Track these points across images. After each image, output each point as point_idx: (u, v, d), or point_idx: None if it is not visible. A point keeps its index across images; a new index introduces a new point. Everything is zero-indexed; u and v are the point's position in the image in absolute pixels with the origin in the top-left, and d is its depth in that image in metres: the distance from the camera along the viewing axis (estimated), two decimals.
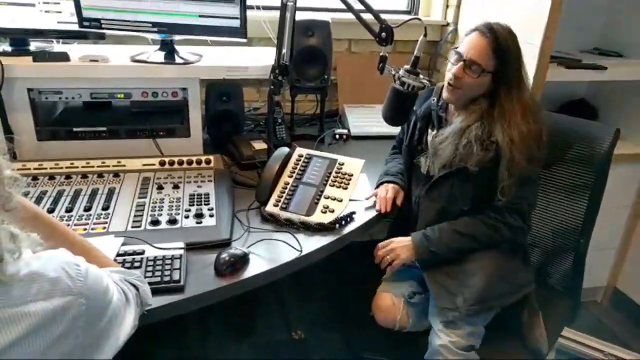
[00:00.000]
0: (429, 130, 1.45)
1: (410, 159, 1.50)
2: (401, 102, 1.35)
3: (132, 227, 1.25)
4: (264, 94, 2.22)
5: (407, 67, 1.31)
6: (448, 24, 2.33)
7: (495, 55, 1.26)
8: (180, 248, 1.15)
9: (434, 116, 1.43)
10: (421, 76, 1.32)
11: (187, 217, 1.30)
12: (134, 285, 0.91)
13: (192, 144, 1.71)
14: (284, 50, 1.49)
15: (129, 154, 1.58)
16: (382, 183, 1.52)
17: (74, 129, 1.60)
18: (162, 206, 1.34)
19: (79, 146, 1.60)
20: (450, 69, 1.31)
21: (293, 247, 1.24)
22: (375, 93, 2.12)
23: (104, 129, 1.63)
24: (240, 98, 1.87)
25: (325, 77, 1.92)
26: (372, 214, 1.47)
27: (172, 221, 1.27)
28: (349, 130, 2.07)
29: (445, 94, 1.35)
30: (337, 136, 2.04)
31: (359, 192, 1.51)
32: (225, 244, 1.23)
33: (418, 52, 1.30)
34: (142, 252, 1.12)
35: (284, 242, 1.25)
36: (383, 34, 1.29)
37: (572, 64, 1.89)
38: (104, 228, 1.23)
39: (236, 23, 1.59)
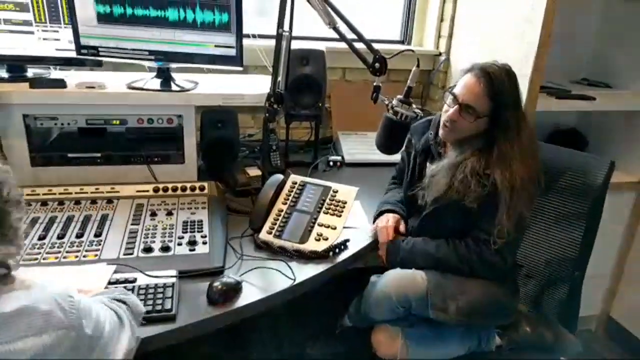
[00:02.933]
0: (428, 164, 1.46)
1: (410, 189, 1.50)
2: (394, 131, 1.36)
3: (125, 254, 1.24)
4: (258, 120, 2.24)
5: (400, 97, 1.33)
6: (440, 54, 2.38)
7: (490, 98, 1.26)
8: (173, 276, 1.14)
9: (433, 150, 1.44)
10: (414, 106, 1.34)
11: (180, 244, 1.29)
12: (121, 301, 0.90)
13: (187, 170, 1.71)
14: (280, 79, 1.52)
15: (123, 180, 1.58)
16: (381, 213, 1.52)
17: (68, 155, 1.61)
18: (155, 233, 1.33)
19: (73, 172, 1.60)
20: (447, 111, 1.33)
21: (286, 276, 1.23)
22: (368, 121, 2.14)
23: (99, 155, 1.63)
24: (235, 125, 1.88)
25: (320, 104, 1.94)
26: (366, 241, 1.47)
27: (165, 248, 1.26)
28: (342, 157, 2.09)
29: (441, 132, 1.37)
30: (331, 163, 2.05)
31: (353, 220, 1.52)
32: (219, 272, 1.22)
33: (411, 83, 1.32)
34: (134, 280, 1.11)
35: (278, 270, 1.24)
36: (377, 64, 1.31)
37: (562, 94, 1.93)
38: (96, 255, 1.22)
39: (232, 52, 1.61)
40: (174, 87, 1.65)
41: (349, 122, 2.30)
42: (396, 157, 1.68)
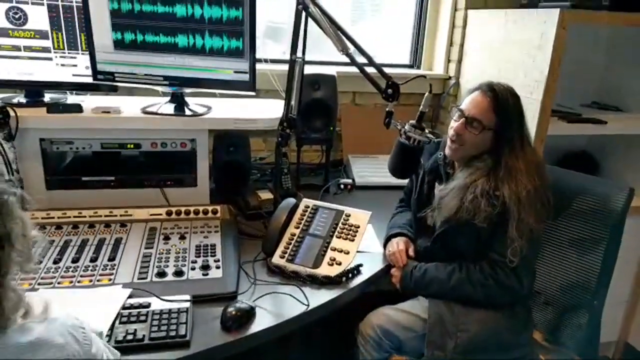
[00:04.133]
0: (437, 184, 1.46)
1: (419, 212, 1.50)
2: (407, 156, 1.37)
3: (139, 278, 1.24)
4: (270, 143, 2.26)
5: (413, 122, 1.34)
6: (450, 78, 2.40)
7: (495, 113, 1.30)
8: (187, 300, 1.14)
9: (442, 171, 1.45)
10: (427, 131, 1.34)
11: (193, 268, 1.29)
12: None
13: (199, 193, 1.72)
14: (292, 104, 1.53)
15: (137, 204, 1.59)
16: (389, 237, 1.52)
17: (83, 178, 1.62)
18: (169, 257, 1.34)
19: (88, 195, 1.62)
20: (453, 126, 1.35)
21: (300, 301, 1.22)
22: (379, 144, 2.16)
23: (113, 178, 1.65)
24: (247, 148, 1.90)
25: (331, 128, 1.95)
26: (380, 266, 1.46)
27: (179, 273, 1.26)
28: (353, 180, 2.09)
29: (447, 151, 1.39)
30: (342, 186, 2.06)
31: (366, 244, 1.51)
32: (232, 297, 1.21)
33: (424, 108, 1.33)
34: (148, 305, 1.11)
35: (291, 295, 1.24)
36: (389, 90, 1.32)
37: (573, 118, 1.93)
38: (110, 280, 1.22)
39: (245, 77, 1.63)
40: (187, 112, 1.67)
41: (359, 145, 2.31)
42: (407, 180, 1.68)
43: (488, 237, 1.30)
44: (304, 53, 1.49)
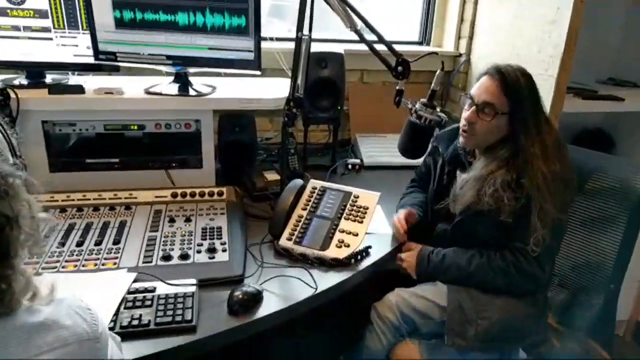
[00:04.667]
0: (459, 173, 1.41)
1: (439, 199, 1.45)
2: (418, 135, 1.33)
3: (144, 262, 1.22)
4: (276, 123, 2.22)
5: (424, 100, 1.30)
6: (460, 55, 2.33)
7: (506, 95, 1.24)
8: (193, 284, 1.12)
9: (463, 158, 1.40)
10: (438, 109, 1.30)
11: (199, 251, 1.27)
12: None
13: (205, 175, 1.69)
14: (299, 83, 1.49)
15: (142, 186, 1.56)
16: None
17: (87, 161, 1.60)
18: (174, 240, 1.31)
19: (91, 177, 1.60)
20: (464, 115, 1.30)
21: (308, 285, 1.20)
22: (387, 123, 2.12)
23: (117, 160, 1.62)
24: (252, 128, 1.86)
25: (339, 107, 1.91)
26: (389, 248, 1.43)
27: (184, 256, 1.24)
28: (361, 160, 2.05)
29: (461, 140, 1.34)
30: (350, 166, 2.02)
31: (374, 226, 1.48)
32: (239, 280, 1.19)
33: (435, 86, 1.29)
34: (154, 290, 1.09)
35: (299, 279, 1.21)
36: (399, 67, 1.27)
37: (589, 95, 1.87)
38: (115, 264, 1.21)
39: (250, 56, 1.58)
40: (191, 92, 1.63)
41: (367, 124, 2.26)
42: (417, 160, 1.64)
43: (510, 227, 1.25)
44: (310, 30, 1.44)
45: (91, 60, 1.62)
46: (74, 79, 1.72)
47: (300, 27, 1.42)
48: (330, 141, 2.09)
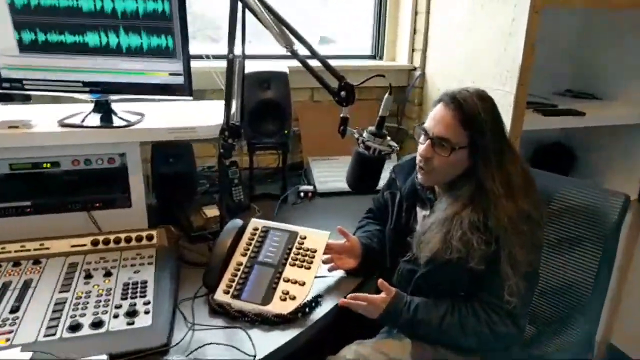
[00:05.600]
0: (418, 209, 1.27)
1: (398, 239, 1.30)
2: (367, 168, 1.17)
3: (46, 335, 1.01)
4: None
5: (372, 128, 1.15)
6: (415, 69, 2.21)
7: (463, 126, 1.09)
8: None
9: (421, 194, 1.25)
10: (388, 138, 1.15)
11: (116, 316, 1.07)
12: None
13: (135, 215, 1.49)
14: (234, 110, 1.32)
15: (61, 232, 1.35)
16: None
17: None
18: (88, 303, 1.11)
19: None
20: (419, 150, 1.16)
21: (244, 353, 1.02)
22: (341, 144, 1.94)
23: (28, 203, 1.40)
24: (190, 158, 1.68)
25: (286, 132, 1.74)
26: (343, 293, 1.27)
27: (97, 324, 1.04)
28: (314, 187, 1.89)
29: (419, 177, 1.19)
30: (302, 194, 1.86)
31: (326, 266, 1.32)
32: (162, 351, 1.00)
33: (383, 112, 1.14)
34: None
35: (233, 347, 1.03)
36: (342, 92, 1.12)
37: (550, 111, 1.77)
38: (8, 340, 0.99)
39: (180, 80, 1.40)
40: (115, 122, 1.43)
41: (320, 146, 2.10)
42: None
43: (482, 275, 1.09)
44: (243, 50, 1.28)
45: None
46: None
47: (231, 47, 1.25)
48: (281, 165, 1.92)
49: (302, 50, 1.25)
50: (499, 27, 1.65)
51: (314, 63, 1.25)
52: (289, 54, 1.23)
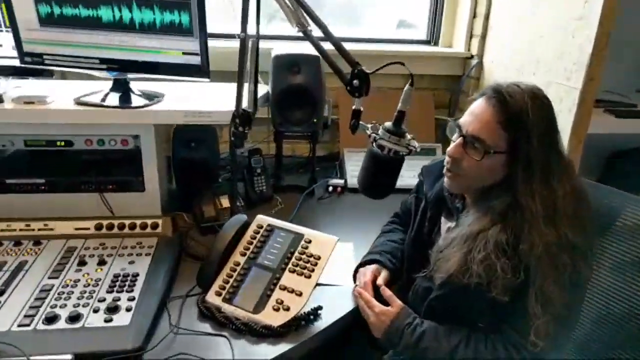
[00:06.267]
0: (443, 219, 1.10)
1: (417, 250, 1.14)
2: (381, 170, 1.01)
3: (20, 325, 0.96)
4: (252, 133, 1.94)
5: (389, 124, 0.98)
6: (472, 57, 1.98)
7: (505, 128, 0.91)
8: None
9: (448, 202, 1.09)
10: (408, 136, 0.98)
11: (96, 310, 1.01)
12: None
13: (148, 199, 1.43)
14: (246, 94, 1.21)
15: (74, 213, 1.33)
16: (361, 265, 1.18)
17: (7, 181, 1.36)
18: (72, 293, 1.05)
19: (14, 201, 1.36)
20: (448, 149, 0.99)
21: None
22: None
23: (42, 181, 1.38)
24: (213, 142, 1.59)
25: (315, 120, 1.61)
26: (349, 306, 1.13)
27: (74, 318, 0.98)
28: (345, 181, 1.75)
29: (445, 181, 1.02)
30: (330, 188, 1.72)
31: (335, 275, 1.19)
32: (135, 356, 0.92)
33: (403, 106, 0.96)
34: None
35: None
36: (355, 81, 0.96)
37: (624, 111, 1.50)
38: None
39: (197, 60, 1.31)
40: (135, 102, 1.37)
41: (358, 137, 1.94)
42: (411, 182, 1.33)
43: (506, 307, 0.91)
44: (258, 27, 1.15)
45: (17, 62, 1.38)
46: (5, 85, 1.49)
47: (244, 25, 1.13)
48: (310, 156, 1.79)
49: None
50: (567, 9, 1.40)
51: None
52: (322, 35, 1.07)
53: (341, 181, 1.75)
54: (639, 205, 1.15)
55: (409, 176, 1.42)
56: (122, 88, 1.40)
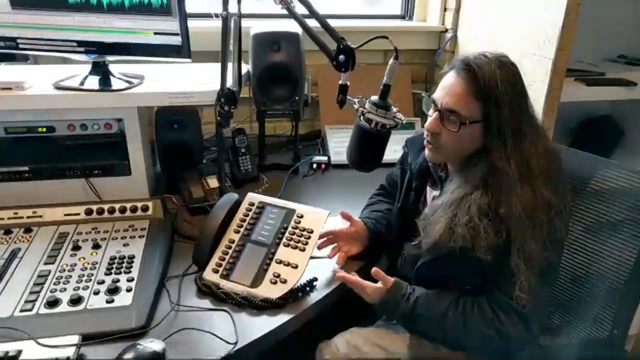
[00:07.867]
0: (428, 189, 1.14)
1: (404, 221, 1.18)
2: (368, 144, 1.05)
3: (22, 310, 0.97)
4: (236, 113, 1.94)
5: (375, 98, 1.01)
6: (447, 30, 2.02)
7: (477, 98, 0.94)
8: (73, 345, 0.88)
9: (433, 172, 1.13)
10: (394, 109, 1.02)
11: (97, 292, 1.02)
12: None
13: (136, 183, 1.44)
14: (231, 73, 1.22)
15: (60, 200, 1.32)
16: None
17: None
18: (71, 277, 1.06)
19: None
20: (426, 123, 1.02)
21: (224, 340, 0.95)
22: None
23: (25, 168, 1.36)
24: (195, 124, 1.59)
25: (297, 98, 1.62)
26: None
27: (76, 300, 0.99)
28: (329, 158, 1.78)
29: (426, 153, 1.06)
30: (315, 165, 1.75)
31: (326, 249, 1.23)
32: (139, 333, 0.94)
33: (388, 80, 1.00)
34: (18, 354, 0.85)
35: (212, 333, 0.96)
36: (341, 56, 0.99)
37: (595, 80, 1.56)
38: None
39: (177, 40, 1.30)
40: (114, 85, 1.36)
41: (339, 114, 1.95)
42: (394, 157, 1.37)
43: (491, 267, 0.96)
44: (239, 6, 1.15)
45: None
46: None
47: (225, 4, 1.13)
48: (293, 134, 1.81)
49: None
50: None
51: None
52: (307, 13, 1.08)
53: (324, 158, 1.78)
54: (610, 168, 1.23)
55: (391, 150, 1.46)
56: (100, 71, 1.38)
